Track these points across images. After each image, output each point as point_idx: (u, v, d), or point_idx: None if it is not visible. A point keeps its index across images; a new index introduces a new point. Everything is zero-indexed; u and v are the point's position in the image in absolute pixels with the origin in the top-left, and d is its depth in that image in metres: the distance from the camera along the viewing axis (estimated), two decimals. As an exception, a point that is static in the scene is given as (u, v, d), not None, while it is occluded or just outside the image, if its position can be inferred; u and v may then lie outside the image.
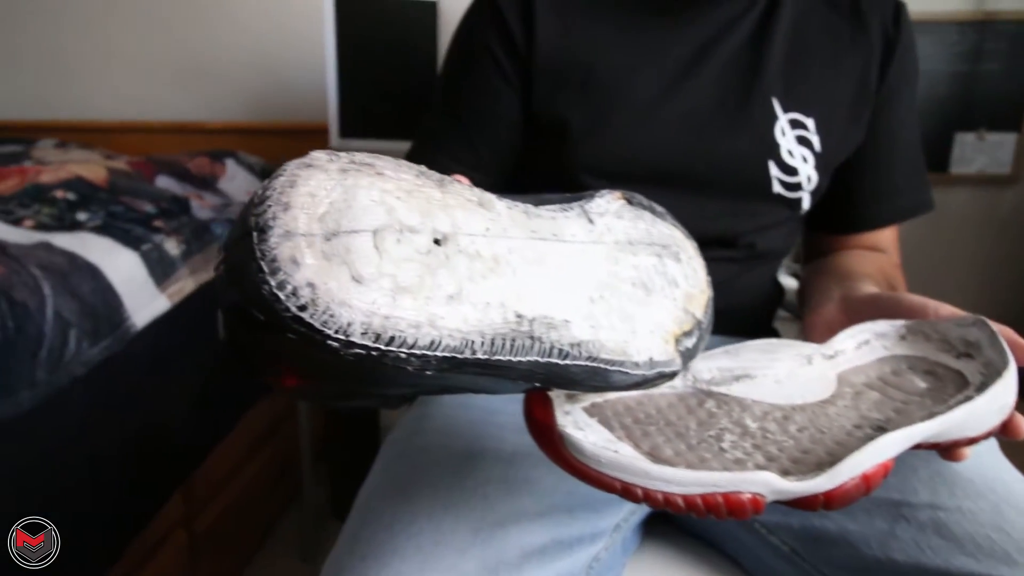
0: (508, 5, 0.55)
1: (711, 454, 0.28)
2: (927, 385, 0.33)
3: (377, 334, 0.20)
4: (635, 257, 0.31)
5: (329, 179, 0.22)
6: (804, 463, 0.28)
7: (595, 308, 0.27)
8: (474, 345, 0.22)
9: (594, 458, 0.26)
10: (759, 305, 0.64)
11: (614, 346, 0.27)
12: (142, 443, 0.83)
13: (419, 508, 0.39)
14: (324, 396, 0.28)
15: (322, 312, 0.19)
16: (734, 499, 0.26)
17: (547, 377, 0.25)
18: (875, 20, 0.57)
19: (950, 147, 1.55)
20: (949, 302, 0.38)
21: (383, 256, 0.21)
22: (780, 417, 0.31)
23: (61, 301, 0.71)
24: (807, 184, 0.55)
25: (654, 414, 0.31)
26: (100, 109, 1.65)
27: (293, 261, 0.19)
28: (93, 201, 0.95)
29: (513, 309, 0.24)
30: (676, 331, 0.31)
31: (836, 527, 0.42)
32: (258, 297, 0.19)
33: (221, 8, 1.60)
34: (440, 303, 0.22)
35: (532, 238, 0.27)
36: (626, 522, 0.45)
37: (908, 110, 0.60)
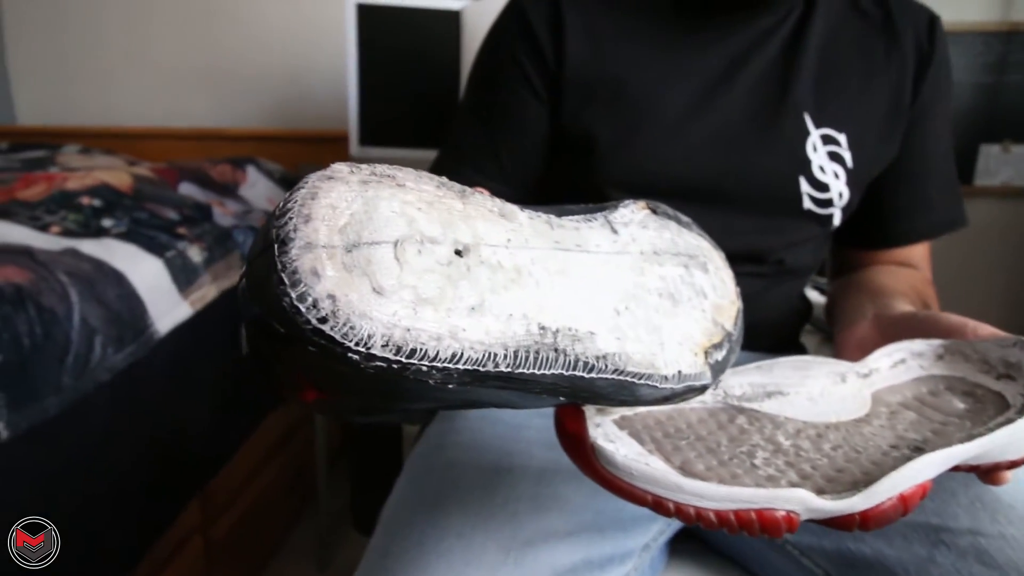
0: (538, 17, 0.55)
1: (743, 470, 0.28)
2: (966, 406, 0.33)
3: (398, 346, 0.20)
4: (661, 268, 0.31)
5: (350, 191, 0.22)
6: (839, 482, 0.27)
7: (621, 320, 0.27)
8: (496, 358, 0.22)
9: (626, 470, 0.26)
10: (786, 320, 0.64)
11: (641, 359, 0.26)
12: (163, 449, 0.84)
13: (449, 525, 0.39)
14: (345, 411, 0.27)
15: (342, 324, 0.19)
16: (768, 516, 0.26)
17: (572, 391, 0.25)
18: (909, 34, 0.56)
19: (975, 159, 1.53)
20: (973, 316, 0.38)
21: (404, 267, 0.21)
22: (814, 435, 0.31)
23: (87, 308, 0.73)
24: (838, 200, 0.55)
25: (684, 428, 0.31)
26: (124, 115, 1.68)
27: (314, 273, 0.19)
28: (118, 207, 0.97)
29: (536, 321, 0.23)
30: (705, 343, 0.30)
31: (872, 551, 0.41)
32: (279, 309, 0.19)
33: (244, 16, 1.63)
34: (462, 315, 0.22)
35: (555, 248, 0.26)
36: (655, 541, 0.45)
37: (942, 125, 0.59)
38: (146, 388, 0.81)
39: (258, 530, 1.15)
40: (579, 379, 0.24)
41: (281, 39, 1.63)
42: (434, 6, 1.25)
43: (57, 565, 0.67)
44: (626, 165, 0.53)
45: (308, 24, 1.61)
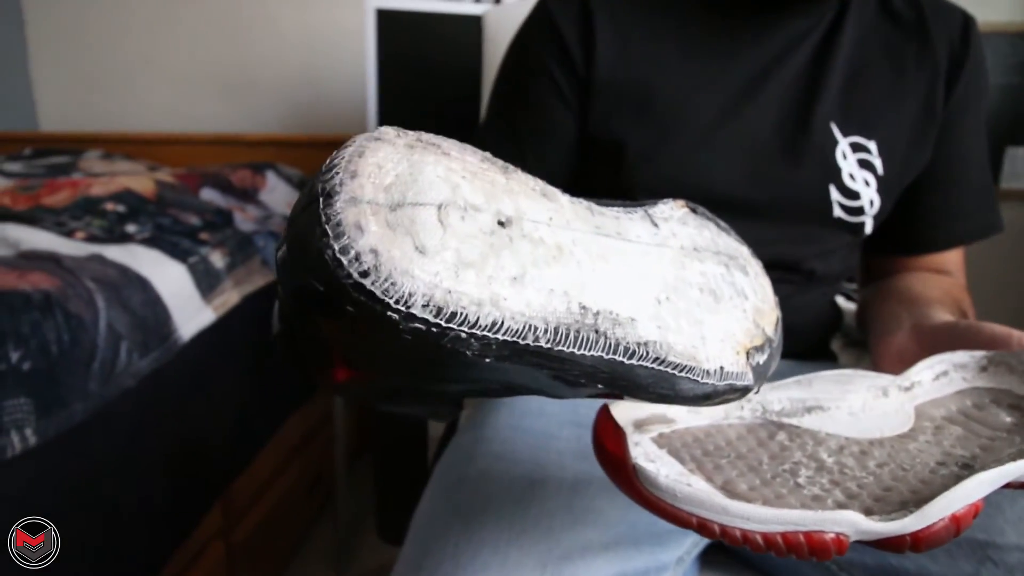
0: (567, 22, 0.54)
1: (787, 489, 0.27)
2: (1013, 420, 0.32)
3: (439, 307, 0.19)
4: (702, 264, 0.30)
5: (396, 152, 0.22)
6: (887, 502, 0.27)
7: (662, 309, 0.26)
8: (537, 331, 0.21)
9: (669, 492, 0.26)
10: (817, 326, 0.63)
11: (683, 349, 0.26)
12: (186, 453, 0.85)
13: (484, 539, 0.39)
14: (374, 393, 0.26)
15: (384, 279, 0.19)
16: (817, 539, 0.25)
17: (611, 378, 0.24)
18: (942, 36, 0.56)
19: (1001, 162, 1.50)
20: (1001, 322, 0.37)
21: (447, 230, 0.21)
22: (857, 452, 0.30)
23: (114, 314, 0.73)
24: (869, 208, 0.54)
25: (724, 446, 0.31)
26: (144, 121, 1.70)
27: (358, 227, 0.19)
28: (142, 213, 0.98)
29: (577, 300, 0.23)
30: (747, 344, 0.30)
31: (915, 567, 0.40)
32: (320, 263, 0.19)
33: (263, 23, 1.64)
34: (504, 283, 0.21)
35: (596, 233, 0.26)
36: (688, 555, 0.44)
37: (976, 128, 0.58)
38: (170, 393, 0.82)
39: (278, 533, 1.16)
40: (619, 364, 0.23)
41: (300, 45, 1.64)
42: (455, 11, 1.25)
43: (82, 569, 0.67)
44: (655, 174, 0.53)
45: (327, 29, 1.62)
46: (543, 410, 0.51)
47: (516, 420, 0.50)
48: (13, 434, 0.61)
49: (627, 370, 0.24)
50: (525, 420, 0.50)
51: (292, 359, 0.25)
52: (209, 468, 0.90)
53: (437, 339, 0.20)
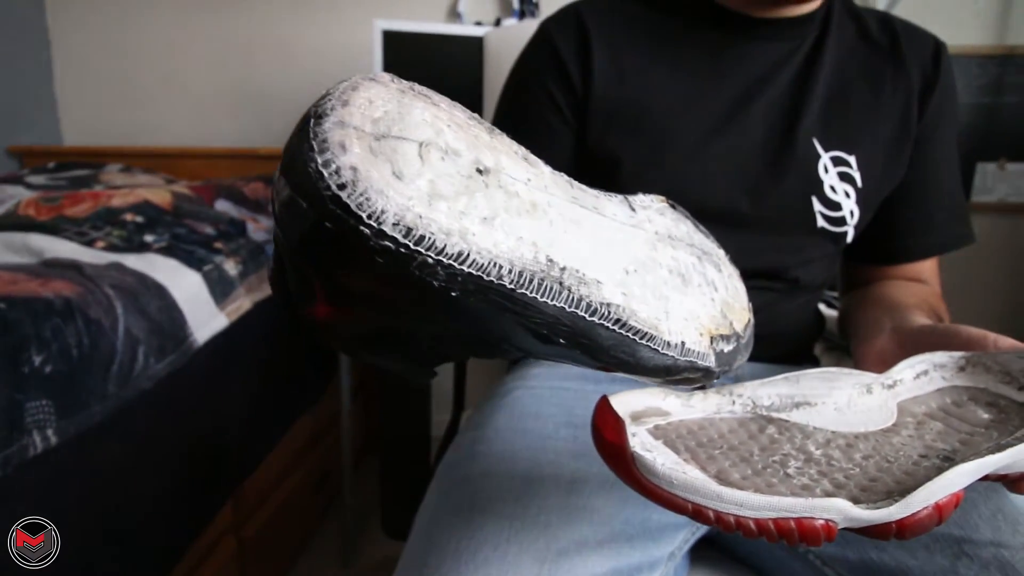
0: (565, 43, 0.55)
1: (777, 479, 0.27)
2: (990, 416, 0.32)
3: (408, 228, 0.20)
4: (674, 250, 0.30)
5: (388, 92, 0.22)
6: (873, 491, 0.27)
7: (629, 279, 0.26)
8: (501, 271, 0.21)
9: (666, 479, 0.26)
10: (801, 332, 0.63)
11: (645, 317, 0.25)
12: (199, 453, 0.84)
13: (484, 536, 0.39)
14: (354, 336, 0.25)
15: (359, 194, 0.19)
16: (807, 525, 0.25)
17: (572, 334, 0.24)
18: (915, 60, 0.56)
19: (972, 177, 1.52)
20: (974, 325, 0.37)
21: (426, 164, 0.21)
22: (843, 445, 0.30)
23: (131, 319, 0.73)
24: (850, 219, 0.55)
25: (716, 438, 0.31)
26: (163, 136, 1.71)
27: (341, 146, 0.20)
28: (159, 223, 0.98)
29: (545, 252, 0.23)
30: (712, 329, 0.29)
31: (895, 562, 0.40)
32: (304, 175, 0.19)
33: (277, 43, 1.65)
34: (474, 220, 0.21)
35: (572, 202, 0.26)
36: (680, 550, 0.44)
37: (948, 146, 0.59)
38: (184, 395, 0.81)
39: (287, 528, 1.15)
40: (580, 319, 0.23)
41: (311, 64, 1.65)
42: (457, 33, 1.27)
43: (100, 566, 0.67)
44: (648, 188, 0.53)
45: (337, 50, 1.63)
46: (540, 412, 0.51)
47: (515, 422, 0.50)
48: (35, 434, 0.61)
49: (588, 327, 0.23)
50: (524, 422, 0.50)
51: (281, 298, 0.25)
52: (221, 466, 0.90)
53: (406, 262, 0.20)
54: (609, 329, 0.24)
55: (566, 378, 0.57)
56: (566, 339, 0.24)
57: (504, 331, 0.23)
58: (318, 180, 0.19)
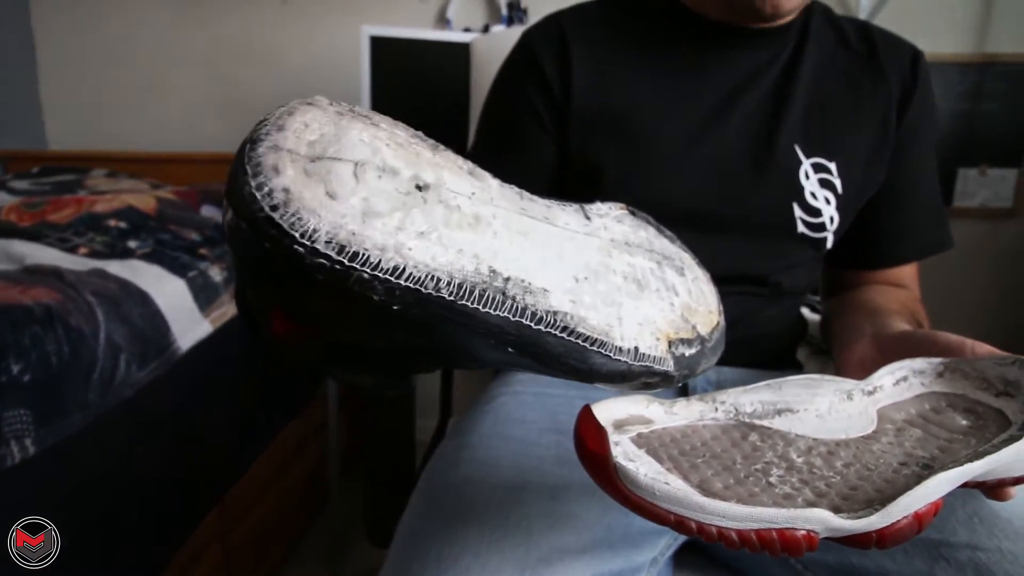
0: (545, 53, 0.55)
1: (760, 488, 0.27)
2: (968, 423, 0.32)
3: (341, 246, 0.20)
4: (631, 257, 0.29)
5: (325, 116, 0.22)
6: (854, 500, 0.27)
7: (579, 287, 0.25)
8: (440, 283, 0.21)
9: (648, 490, 0.25)
10: (783, 337, 0.63)
11: (596, 324, 0.25)
12: (183, 461, 0.83)
13: (465, 543, 0.38)
14: (315, 351, 0.25)
15: (291, 214, 0.20)
16: (789, 536, 0.25)
17: (520, 341, 0.23)
18: (894, 69, 0.57)
19: (953, 182, 1.54)
20: (953, 330, 0.37)
21: (360, 183, 0.21)
22: (825, 452, 0.30)
23: (113, 327, 0.72)
24: (830, 224, 0.55)
25: (699, 446, 0.30)
26: (149, 141, 1.69)
27: (275, 169, 0.20)
28: (143, 229, 0.97)
29: (488, 263, 0.22)
30: (670, 333, 0.29)
31: (874, 566, 0.40)
32: (240, 198, 0.20)
33: (264, 48, 1.64)
34: (410, 235, 0.21)
35: (521, 213, 0.26)
36: (662, 556, 0.44)
37: (926, 153, 0.59)
38: (168, 403, 0.80)
39: (274, 536, 1.14)
40: (526, 328, 0.23)
41: (299, 69, 1.64)
42: (444, 39, 1.26)
43: (82, 574, 0.65)
44: (630, 195, 0.53)
45: (325, 55, 1.63)
46: (525, 418, 0.51)
47: (499, 428, 0.50)
48: (13, 444, 0.59)
49: (535, 335, 0.23)
50: (507, 428, 0.50)
51: (244, 316, 0.25)
52: (207, 474, 0.89)
53: (343, 278, 0.20)
54: (557, 337, 0.24)
55: (551, 384, 0.57)
56: (515, 347, 0.23)
57: (452, 342, 0.23)
58: (252, 202, 0.20)
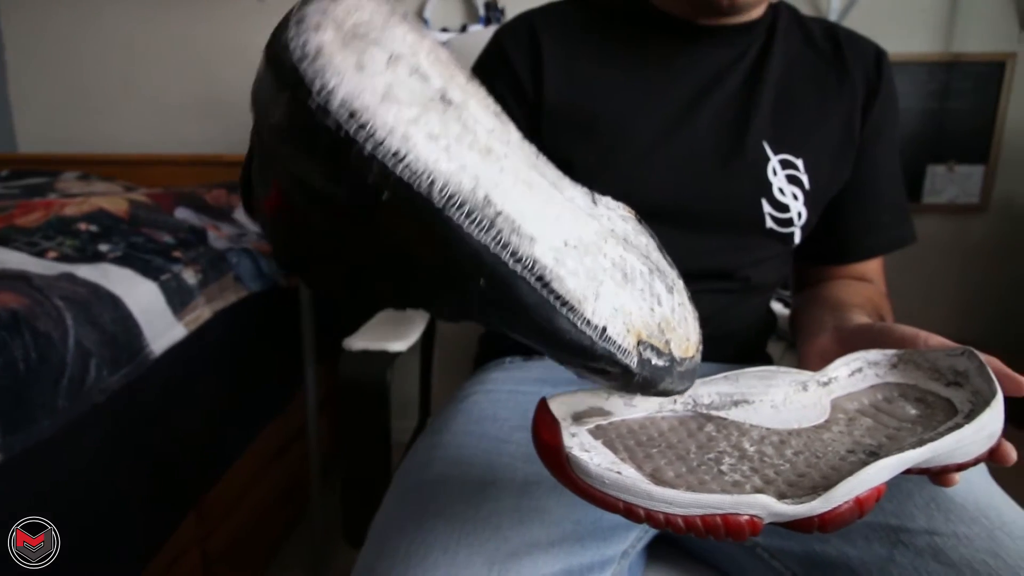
0: (516, 51, 0.56)
1: (710, 476, 0.28)
2: (917, 412, 0.33)
3: (352, 112, 0.20)
4: (624, 251, 0.29)
5: (378, 8, 0.23)
6: (800, 486, 0.27)
7: (566, 250, 0.25)
8: (433, 185, 0.21)
9: (599, 479, 0.26)
10: (753, 332, 0.64)
11: (572, 288, 0.24)
12: (158, 466, 0.82)
13: (434, 540, 0.38)
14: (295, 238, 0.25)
15: (316, 68, 0.20)
16: (732, 521, 0.25)
17: (493, 278, 0.22)
18: (858, 67, 0.58)
19: (923, 179, 1.57)
20: (921, 324, 0.38)
21: (390, 71, 0.22)
22: (777, 441, 0.31)
23: (83, 331, 0.71)
24: (798, 220, 0.56)
25: (656, 437, 0.31)
26: (122, 143, 1.66)
27: (316, 27, 0.21)
28: (115, 232, 0.96)
29: (484, 191, 0.22)
30: (642, 333, 0.27)
31: (837, 553, 0.41)
32: (275, 45, 0.21)
33: (240, 49, 1.63)
34: (420, 132, 0.21)
35: (531, 168, 0.25)
36: (633, 548, 0.45)
37: (890, 150, 0.61)
38: (141, 408, 0.79)
39: (254, 540, 1.13)
40: (503, 265, 0.22)
41: (274, 71, 1.63)
42: (419, 40, 1.26)
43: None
44: (601, 191, 0.54)
45: (300, 57, 1.61)
46: (497, 415, 0.51)
47: (472, 426, 0.50)
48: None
49: (510, 275, 0.22)
50: (481, 425, 0.50)
51: (244, 192, 0.26)
52: (183, 479, 0.88)
53: (344, 148, 0.20)
54: (531, 285, 0.23)
55: (523, 382, 0.57)
56: (487, 283, 0.23)
57: (427, 257, 0.23)
58: (283, 51, 0.20)
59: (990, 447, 0.31)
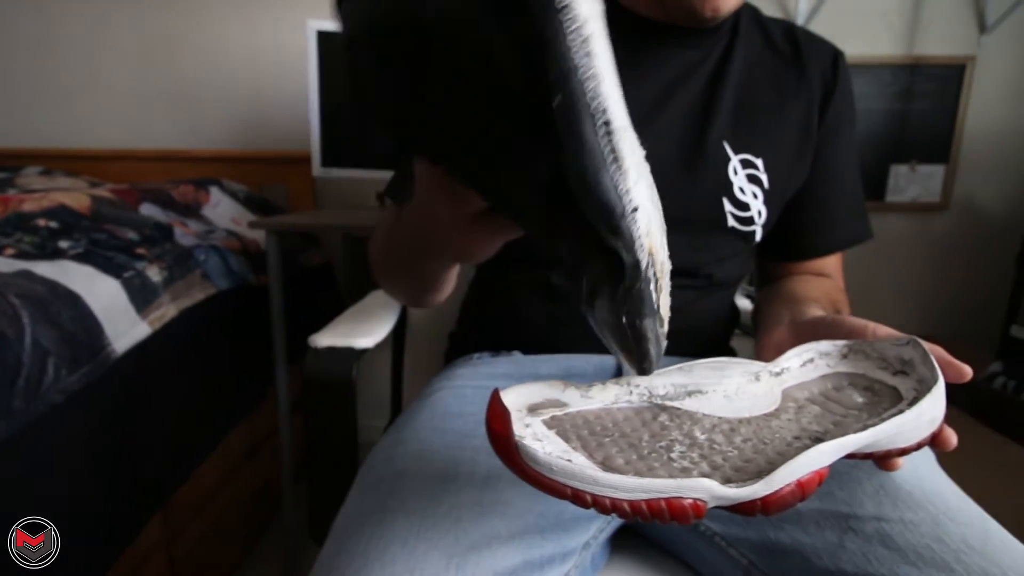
0: None
1: (660, 463, 0.28)
2: (864, 400, 0.34)
3: None
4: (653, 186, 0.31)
5: None
6: (745, 471, 0.28)
7: (629, 131, 0.26)
8: None
9: (547, 466, 0.26)
10: (717, 326, 0.65)
11: (626, 153, 0.26)
12: (121, 467, 0.80)
13: (393, 535, 0.38)
14: None
15: None
16: (676, 504, 0.26)
17: (568, 98, 0.24)
18: (815, 68, 0.59)
19: (886, 178, 1.61)
20: (886, 318, 0.39)
21: None
22: (727, 429, 0.32)
23: (40, 329, 0.69)
24: (758, 218, 0.57)
25: (611, 427, 0.31)
26: (88, 138, 1.62)
27: None
28: (76, 229, 0.93)
29: (591, 30, 0.24)
30: (653, 249, 0.30)
31: (790, 539, 0.42)
32: None
33: (209, 42, 1.60)
34: None
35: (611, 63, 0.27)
36: (595, 539, 0.45)
37: (847, 149, 0.62)
38: (103, 408, 0.77)
39: (224, 544, 1.11)
40: (581, 95, 0.23)
41: (245, 63, 1.60)
42: (391, 35, 1.25)
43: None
44: None
45: (271, 49, 1.59)
46: (463, 411, 0.51)
47: (436, 421, 0.50)
48: (-72, 453, 0.57)
49: (583, 107, 0.24)
50: (445, 421, 0.50)
51: None
52: (148, 480, 0.86)
53: None
54: (596, 127, 0.24)
55: (491, 377, 0.58)
56: (561, 103, 0.24)
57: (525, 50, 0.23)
58: None
59: (932, 432, 0.32)
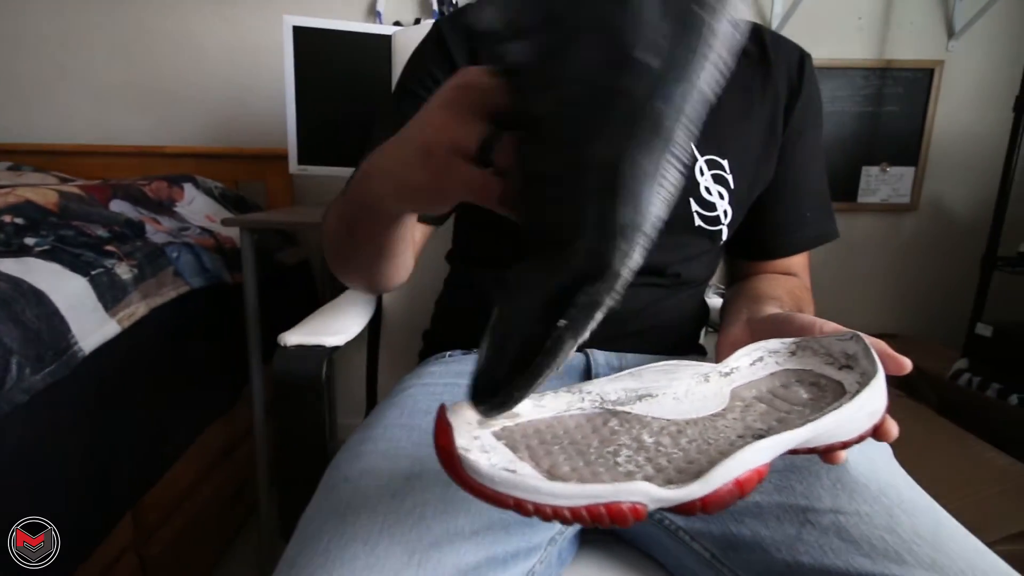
0: (456, 43, 0.56)
1: (605, 468, 0.28)
2: (809, 395, 0.34)
3: None
4: None
5: None
6: (688, 472, 0.28)
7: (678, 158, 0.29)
8: None
9: (488, 477, 0.26)
10: (685, 324, 0.66)
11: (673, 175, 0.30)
12: (89, 468, 0.79)
13: (355, 532, 0.38)
14: None
15: None
16: (615, 508, 0.26)
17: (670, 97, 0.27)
18: (781, 70, 0.60)
19: (858, 179, 1.64)
20: (857, 316, 0.40)
21: None
22: (674, 431, 0.32)
23: (2, 328, 0.68)
24: (724, 218, 0.58)
25: (561, 435, 0.32)
26: (59, 133, 1.59)
27: None
28: (43, 225, 0.91)
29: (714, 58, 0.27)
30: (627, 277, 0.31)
31: (751, 533, 0.42)
32: None
33: (184, 38, 1.57)
34: None
35: None
36: (561, 535, 0.45)
37: (813, 150, 0.63)
38: (69, 407, 0.76)
39: (198, 545, 1.10)
40: None
41: (221, 59, 1.58)
42: (367, 30, 1.25)
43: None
44: None
45: (247, 45, 1.57)
46: (430, 409, 0.51)
47: (404, 419, 0.50)
48: None
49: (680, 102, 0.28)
50: (413, 418, 0.50)
51: None
52: (114, 481, 0.85)
53: None
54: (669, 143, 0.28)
55: (462, 375, 0.58)
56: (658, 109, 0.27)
57: None
58: None
59: (873, 424, 0.32)
